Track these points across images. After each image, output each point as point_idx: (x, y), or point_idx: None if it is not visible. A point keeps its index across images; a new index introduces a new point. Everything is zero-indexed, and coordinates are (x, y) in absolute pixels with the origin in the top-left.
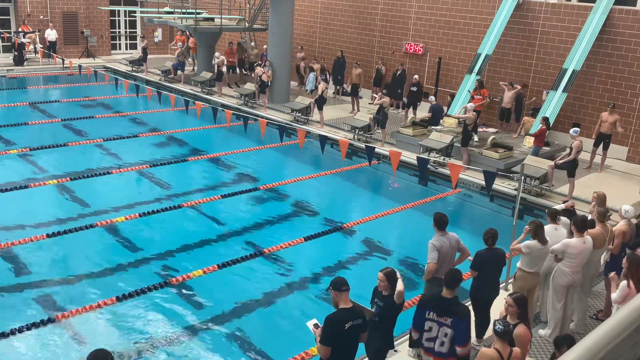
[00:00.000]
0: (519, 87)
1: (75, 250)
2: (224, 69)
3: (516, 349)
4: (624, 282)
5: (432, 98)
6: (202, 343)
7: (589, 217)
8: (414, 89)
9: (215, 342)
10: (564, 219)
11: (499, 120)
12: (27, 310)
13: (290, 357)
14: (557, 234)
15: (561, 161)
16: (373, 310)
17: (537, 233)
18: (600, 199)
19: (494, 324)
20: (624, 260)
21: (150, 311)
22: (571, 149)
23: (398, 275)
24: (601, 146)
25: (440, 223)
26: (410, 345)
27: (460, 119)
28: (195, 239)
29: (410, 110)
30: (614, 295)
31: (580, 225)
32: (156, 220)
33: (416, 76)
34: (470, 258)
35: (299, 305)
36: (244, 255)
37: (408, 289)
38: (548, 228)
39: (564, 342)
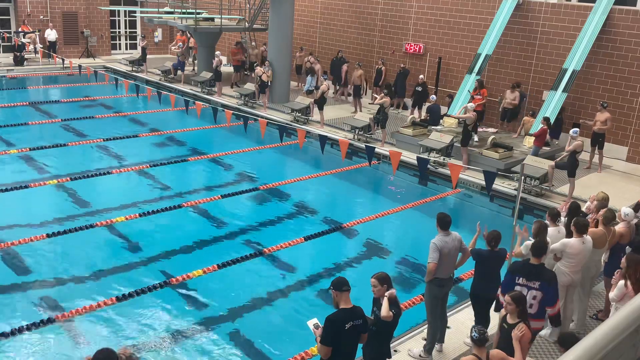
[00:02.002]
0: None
1: (75, 250)
2: (229, 68)
3: (494, 351)
4: (621, 282)
5: (433, 97)
6: (202, 343)
7: (589, 216)
8: (419, 89)
9: (215, 342)
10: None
11: (499, 120)
12: (27, 310)
13: (290, 357)
14: (559, 236)
15: (559, 160)
16: (372, 318)
17: (539, 233)
18: (604, 200)
19: (471, 331)
20: (623, 260)
21: (150, 311)
22: (569, 144)
23: (386, 294)
24: (597, 146)
25: (444, 223)
26: (496, 310)
27: (460, 119)
28: (195, 239)
29: (416, 110)
30: (612, 294)
31: (579, 226)
32: (156, 220)
33: (422, 76)
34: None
35: (299, 305)
36: (244, 255)
37: (407, 288)
38: (551, 230)
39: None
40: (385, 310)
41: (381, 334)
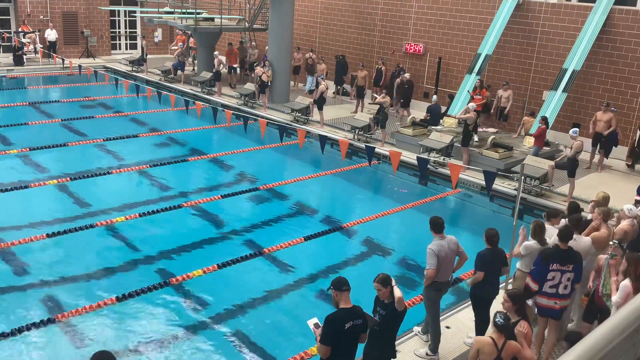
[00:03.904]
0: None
1: (75, 250)
2: (223, 69)
3: (512, 342)
4: (625, 282)
5: (434, 98)
6: (202, 343)
7: (589, 217)
8: (406, 86)
9: (215, 342)
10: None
11: (496, 120)
12: (27, 310)
13: (290, 357)
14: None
15: (559, 160)
16: (376, 318)
17: (537, 233)
18: (604, 200)
19: (495, 316)
20: (623, 259)
21: (150, 311)
22: (571, 148)
23: (394, 283)
24: (598, 146)
25: (437, 226)
26: (525, 298)
27: (461, 119)
28: (195, 239)
29: (406, 109)
30: (615, 298)
31: (573, 223)
32: (156, 220)
33: (407, 74)
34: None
35: (298, 304)
36: (244, 255)
37: (408, 288)
38: (550, 230)
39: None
40: (398, 292)
41: (385, 333)
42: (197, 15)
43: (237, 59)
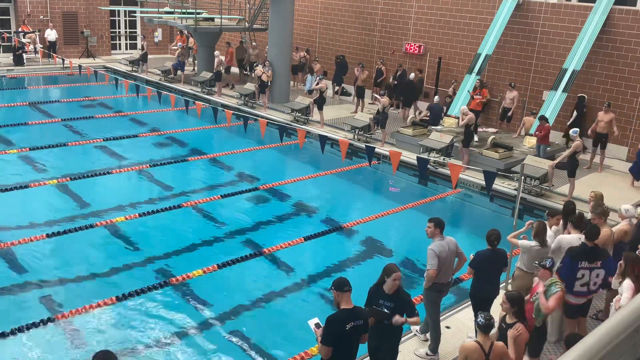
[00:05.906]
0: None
1: (75, 250)
2: (222, 68)
3: (499, 343)
4: (627, 282)
5: (436, 98)
6: (201, 343)
7: (588, 216)
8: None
9: (215, 342)
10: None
11: (499, 120)
12: (27, 310)
13: (290, 357)
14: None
15: (559, 160)
16: (386, 312)
17: (538, 234)
18: (598, 198)
19: (477, 317)
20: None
21: (150, 311)
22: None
23: (394, 321)
24: (599, 146)
25: (441, 225)
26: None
27: (463, 125)
28: (196, 238)
29: (407, 109)
30: (623, 300)
31: (577, 222)
32: (156, 220)
33: (412, 74)
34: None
35: (299, 305)
36: (244, 255)
37: (409, 288)
38: (551, 231)
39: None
40: (412, 321)
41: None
42: (197, 15)
43: (233, 59)
